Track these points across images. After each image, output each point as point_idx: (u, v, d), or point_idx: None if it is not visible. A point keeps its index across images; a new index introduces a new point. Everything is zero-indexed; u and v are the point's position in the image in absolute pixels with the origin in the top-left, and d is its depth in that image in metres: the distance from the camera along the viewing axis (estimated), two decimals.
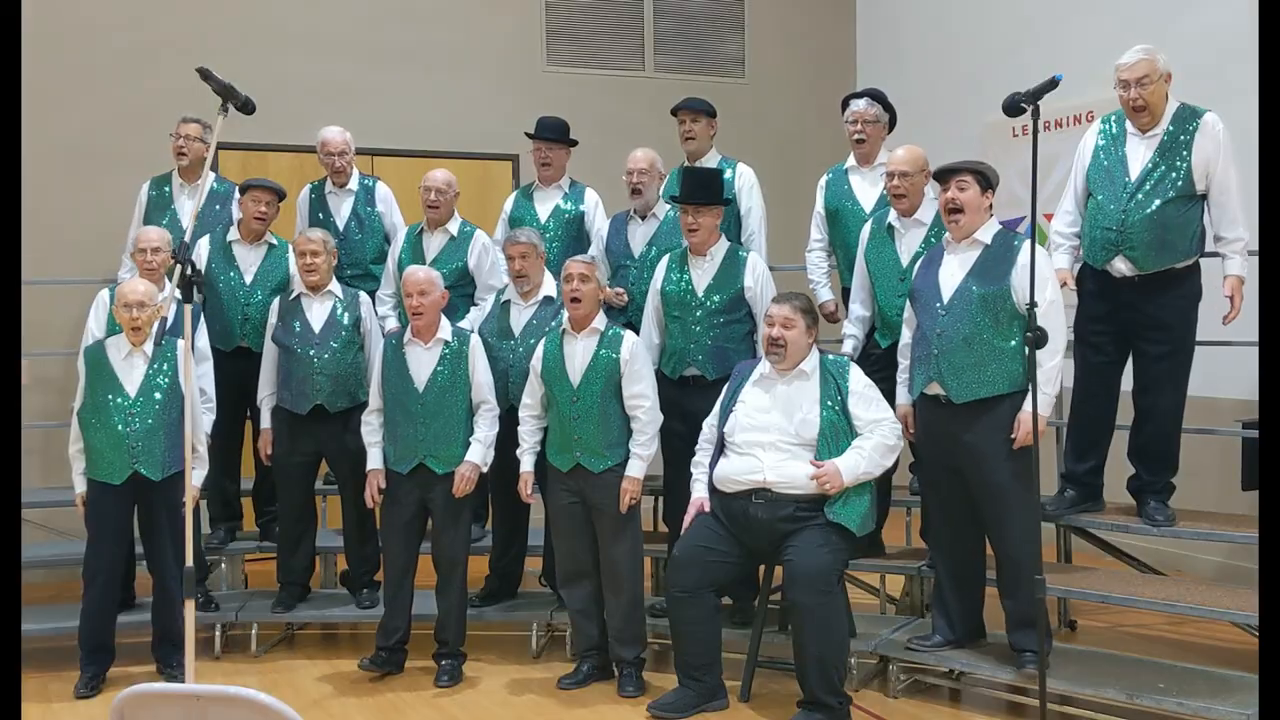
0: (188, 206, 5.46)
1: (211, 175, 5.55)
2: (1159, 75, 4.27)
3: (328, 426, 5.01)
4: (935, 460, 4.28)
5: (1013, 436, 4.01)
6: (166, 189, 5.54)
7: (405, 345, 4.70)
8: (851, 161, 5.08)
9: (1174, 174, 4.28)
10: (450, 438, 4.62)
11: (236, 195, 5.45)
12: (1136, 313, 4.38)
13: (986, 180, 4.14)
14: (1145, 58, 4.27)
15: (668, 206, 5.17)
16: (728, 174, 5.13)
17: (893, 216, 4.69)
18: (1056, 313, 4.00)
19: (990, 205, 4.17)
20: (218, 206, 5.51)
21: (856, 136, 4.98)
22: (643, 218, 5.17)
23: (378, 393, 4.75)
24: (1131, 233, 4.28)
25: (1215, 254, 4.38)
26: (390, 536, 4.73)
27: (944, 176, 4.18)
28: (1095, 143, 4.47)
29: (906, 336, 4.39)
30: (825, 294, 5.25)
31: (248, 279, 5.29)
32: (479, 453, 4.66)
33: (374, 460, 4.73)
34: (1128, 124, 4.39)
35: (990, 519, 4.17)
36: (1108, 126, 4.47)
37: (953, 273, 4.15)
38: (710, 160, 5.20)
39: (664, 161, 5.22)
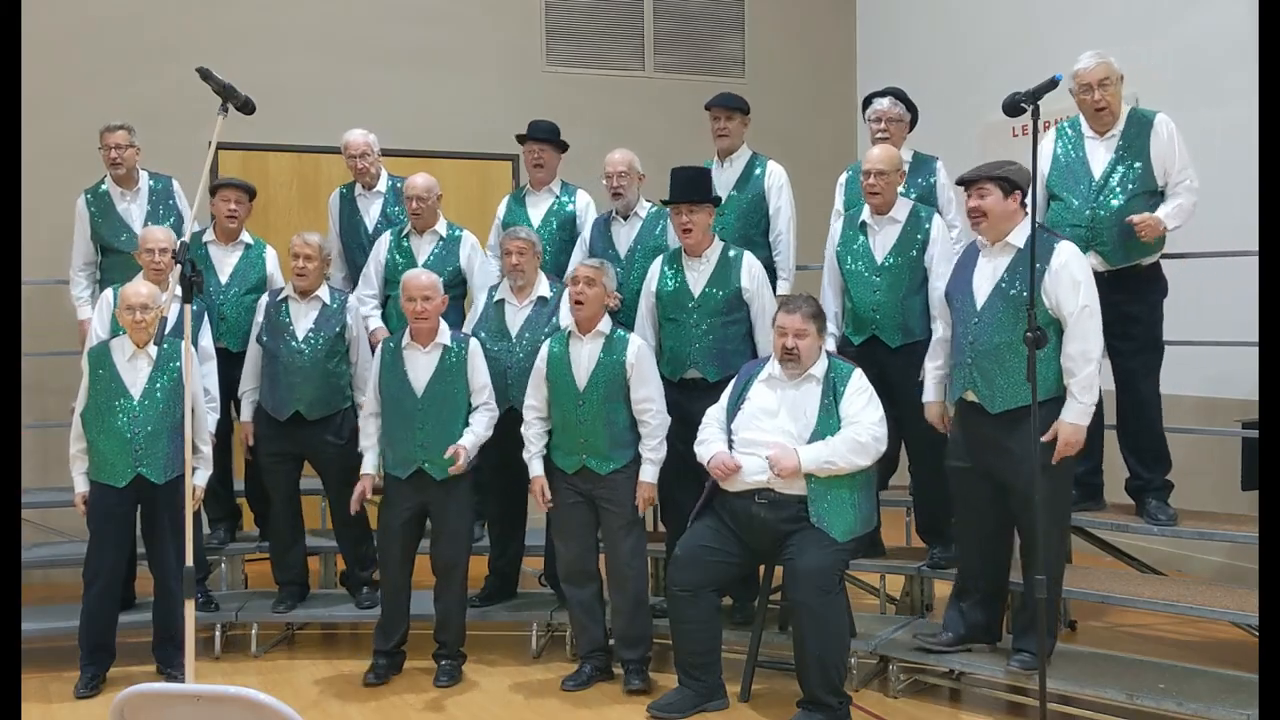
0: (134, 211, 5.45)
1: (145, 174, 5.51)
2: (1116, 78, 4.44)
3: (306, 430, 4.99)
4: (968, 464, 4.21)
5: (1048, 442, 3.92)
6: (104, 196, 5.47)
7: (404, 349, 4.67)
8: None
9: (1135, 171, 4.43)
10: (448, 443, 4.56)
11: (178, 190, 5.47)
12: (1107, 309, 4.41)
13: (1011, 184, 4.06)
14: (1104, 61, 4.44)
15: (649, 205, 5.18)
16: (758, 171, 5.16)
17: (866, 213, 4.71)
18: (1090, 317, 3.93)
19: (1021, 205, 4.09)
20: (169, 202, 5.50)
21: (880, 135, 4.97)
22: (625, 218, 5.18)
23: (374, 397, 4.72)
24: (1101, 228, 4.41)
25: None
26: (387, 538, 4.71)
27: (966, 185, 4.16)
28: (1053, 149, 4.57)
29: (940, 332, 4.37)
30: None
31: (223, 279, 5.28)
32: (470, 440, 4.59)
33: (369, 465, 4.71)
34: (1084, 128, 4.54)
35: (1021, 521, 4.13)
36: (1064, 133, 4.57)
37: (986, 277, 4.10)
38: (741, 158, 5.21)
39: (641, 161, 5.20)
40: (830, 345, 4.76)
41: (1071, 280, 3.91)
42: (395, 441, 4.65)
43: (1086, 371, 3.91)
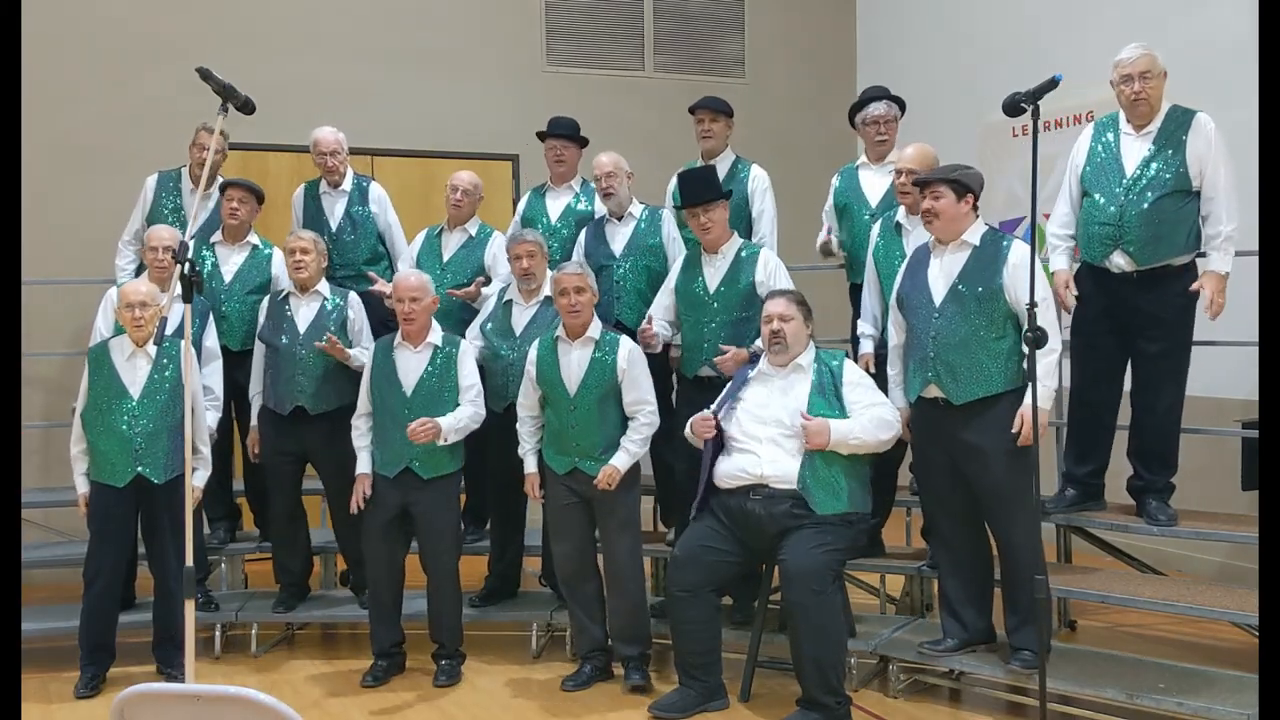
0: (195, 207, 5.45)
1: (220, 180, 5.52)
2: (1158, 72, 4.35)
3: (311, 428, 4.97)
4: (934, 462, 4.27)
5: (1015, 432, 3.99)
6: (176, 187, 5.50)
7: (395, 349, 4.67)
8: (863, 159, 5.11)
9: (1169, 169, 4.32)
10: (434, 442, 4.54)
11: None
12: (1134, 309, 4.41)
13: (964, 187, 4.14)
14: (1146, 53, 4.36)
15: (643, 206, 5.18)
16: (741, 174, 5.17)
17: (900, 214, 4.70)
18: (1048, 308, 4.02)
19: (973, 208, 4.18)
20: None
21: (880, 138, 5.00)
22: (619, 219, 5.18)
23: (367, 397, 4.72)
24: (1129, 226, 4.33)
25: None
26: (372, 540, 4.69)
27: (921, 187, 4.22)
28: (1090, 145, 4.51)
29: (895, 339, 4.40)
30: (823, 235, 5.18)
31: (227, 279, 5.28)
32: (448, 421, 4.53)
33: (363, 464, 4.69)
34: (1122, 124, 4.46)
35: (992, 517, 4.18)
36: (1102, 128, 4.52)
37: (942, 275, 4.16)
38: (725, 160, 5.21)
39: (642, 161, 5.21)
40: (866, 349, 4.74)
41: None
42: (384, 440, 4.64)
43: (1049, 359, 3.97)
